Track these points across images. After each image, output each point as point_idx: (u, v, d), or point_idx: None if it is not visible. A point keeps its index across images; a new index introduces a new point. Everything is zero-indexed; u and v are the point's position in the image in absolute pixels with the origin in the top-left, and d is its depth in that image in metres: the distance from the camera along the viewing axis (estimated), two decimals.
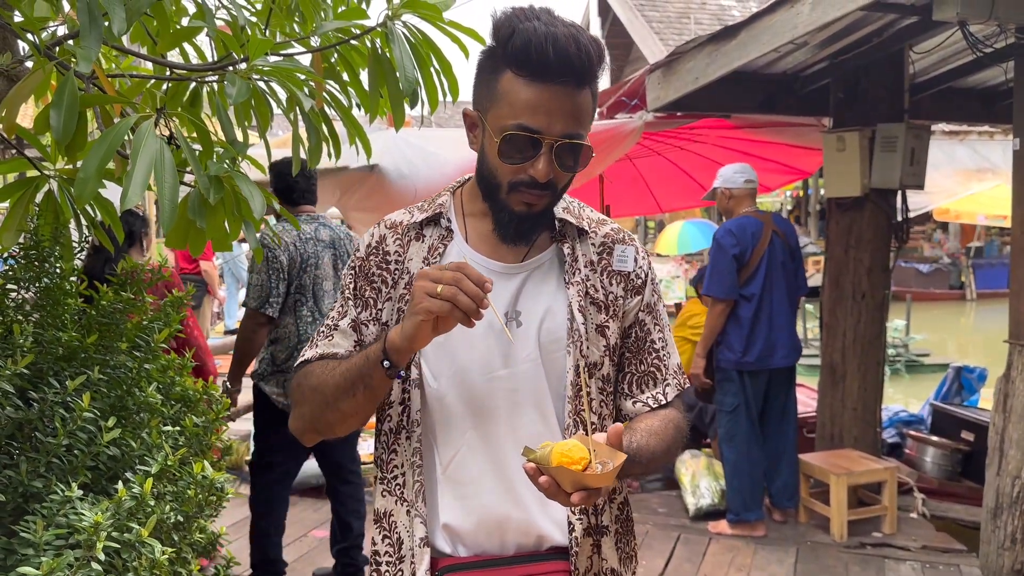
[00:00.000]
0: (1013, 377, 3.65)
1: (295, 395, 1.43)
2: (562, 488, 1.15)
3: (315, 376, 1.38)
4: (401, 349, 1.24)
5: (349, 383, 1.32)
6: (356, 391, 1.31)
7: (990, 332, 13.93)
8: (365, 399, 1.32)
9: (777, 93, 5.01)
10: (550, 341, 1.40)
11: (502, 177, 1.34)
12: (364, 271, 1.46)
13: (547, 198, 1.35)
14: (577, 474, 1.12)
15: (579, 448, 1.15)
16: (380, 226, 1.49)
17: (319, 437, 1.44)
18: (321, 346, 1.45)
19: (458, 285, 1.17)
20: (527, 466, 1.17)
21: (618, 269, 1.47)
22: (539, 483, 1.16)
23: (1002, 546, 3.73)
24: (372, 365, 1.28)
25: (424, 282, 1.20)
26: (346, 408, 1.34)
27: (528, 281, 1.43)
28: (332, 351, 1.43)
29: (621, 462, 1.14)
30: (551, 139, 1.30)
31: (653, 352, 1.49)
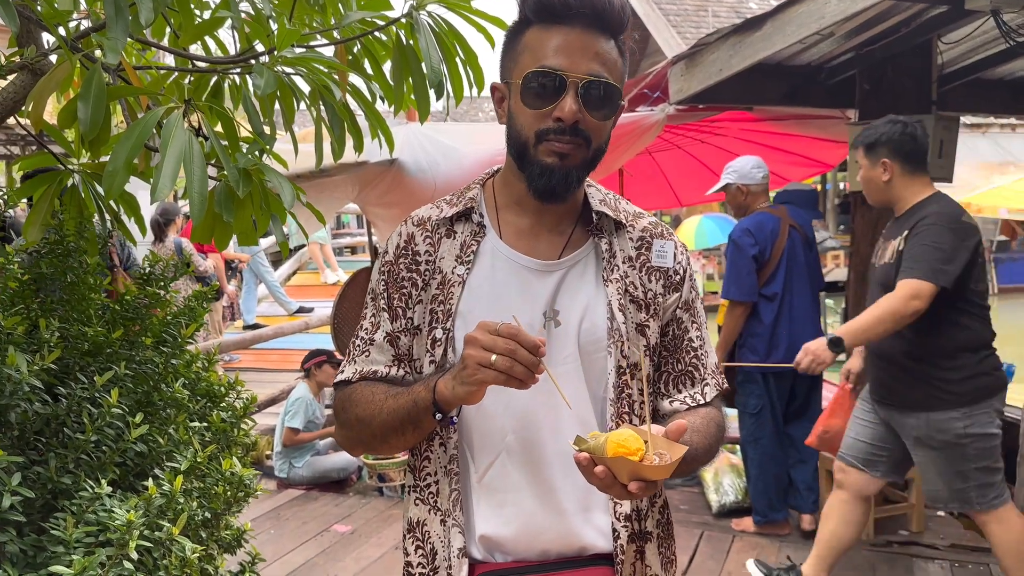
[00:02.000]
0: None
1: (340, 416, 1.43)
2: (617, 479, 1.11)
3: (360, 407, 1.38)
4: (451, 403, 1.25)
5: (398, 423, 1.32)
6: (405, 431, 1.32)
7: (1013, 327, 13.75)
8: (415, 436, 1.34)
9: (801, 85, 4.94)
10: (589, 341, 1.37)
11: (528, 128, 1.31)
12: (394, 276, 1.42)
13: (580, 149, 1.31)
14: (635, 464, 1.09)
15: (635, 438, 1.12)
16: (407, 224, 1.46)
17: (364, 453, 1.47)
18: (360, 362, 1.43)
19: (513, 356, 1.15)
20: (580, 456, 1.14)
21: (657, 265, 1.43)
22: (593, 474, 1.12)
23: None
24: (421, 412, 1.28)
25: (476, 351, 1.18)
26: (396, 443, 1.36)
27: (566, 278, 1.39)
28: (371, 368, 1.42)
29: (682, 454, 1.11)
30: (576, 77, 1.27)
31: (691, 351, 1.45)
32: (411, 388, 1.31)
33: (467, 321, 1.36)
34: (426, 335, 1.38)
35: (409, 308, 1.41)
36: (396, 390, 1.34)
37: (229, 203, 1.82)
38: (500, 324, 1.18)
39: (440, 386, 1.24)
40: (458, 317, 1.36)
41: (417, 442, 1.38)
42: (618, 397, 1.36)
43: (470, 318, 1.36)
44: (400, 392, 1.33)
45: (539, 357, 1.16)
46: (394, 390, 1.35)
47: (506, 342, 1.15)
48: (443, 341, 1.36)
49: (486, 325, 1.18)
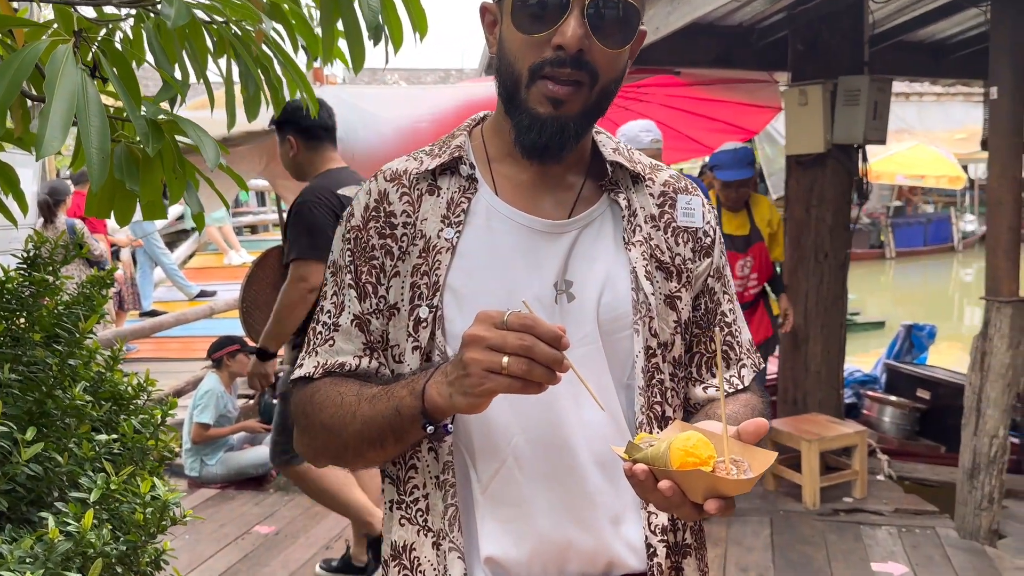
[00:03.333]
0: (991, 335, 3.55)
1: (300, 421, 1.15)
2: (688, 497, 0.87)
3: (326, 412, 1.10)
4: (446, 411, 0.99)
5: (375, 434, 1.06)
6: (385, 444, 1.07)
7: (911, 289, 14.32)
8: (397, 448, 1.09)
9: (733, 46, 4.80)
10: (611, 318, 1.11)
11: (521, 61, 1.06)
12: (361, 245, 1.14)
13: (580, 92, 1.05)
14: (713, 478, 0.86)
15: (703, 443, 0.89)
16: (378, 179, 1.17)
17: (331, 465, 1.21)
18: (322, 353, 1.16)
19: (530, 356, 0.90)
20: (638, 469, 0.89)
21: (684, 225, 1.19)
22: (654, 491, 0.89)
23: (979, 506, 3.66)
24: (406, 422, 1.02)
25: (480, 354, 0.91)
26: (373, 457, 1.11)
27: (579, 241, 1.13)
28: (337, 360, 1.14)
29: (769, 463, 0.88)
30: None
31: (724, 327, 1.22)
32: (391, 390, 1.04)
33: (459, 296, 1.09)
34: (407, 315, 1.11)
35: (382, 283, 1.13)
36: (371, 391, 1.07)
37: (133, 167, 1.48)
38: (507, 313, 0.91)
39: (432, 392, 0.98)
40: (447, 291, 1.09)
41: (398, 452, 1.10)
42: (648, 384, 1.12)
43: (463, 292, 1.09)
44: (377, 395, 1.05)
45: (562, 350, 0.91)
46: (368, 391, 1.07)
47: (519, 337, 0.89)
48: (429, 321, 1.09)
49: (488, 317, 0.92)
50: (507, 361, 0.89)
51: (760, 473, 0.88)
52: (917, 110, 13.77)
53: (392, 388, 1.04)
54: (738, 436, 0.92)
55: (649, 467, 0.89)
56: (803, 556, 3.63)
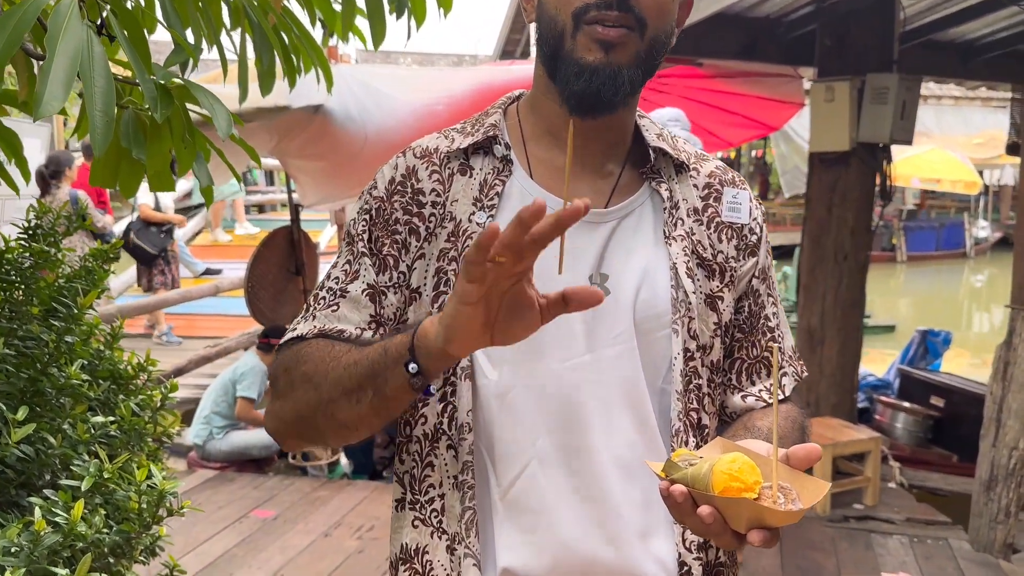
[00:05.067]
0: (1015, 344, 3.46)
1: (279, 383, 1.04)
2: (729, 525, 0.79)
3: (311, 361, 0.99)
4: (433, 350, 0.85)
5: (355, 382, 0.93)
6: (362, 395, 0.92)
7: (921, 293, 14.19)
8: (371, 409, 0.93)
9: (759, 39, 4.68)
10: (649, 316, 1.03)
11: (565, 10, 0.98)
12: (384, 216, 1.06)
13: (631, 38, 0.97)
14: (758, 507, 0.77)
15: (749, 467, 0.80)
16: (407, 155, 1.09)
17: (303, 445, 1.06)
18: (321, 318, 1.05)
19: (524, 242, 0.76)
20: (677, 491, 0.81)
21: (729, 220, 1.10)
22: (693, 515, 0.81)
23: (995, 519, 3.57)
24: (390, 364, 0.89)
25: (468, 263, 0.78)
26: (344, 415, 0.95)
27: (617, 232, 1.05)
28: (336, 326, 1.04)
29: (822, 494, 0.79)
30: None
31: (767, 331, 1.13)
32: (387, 337, 0.94)
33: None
34: (429, 302, 1.03)
35: (403, 260, 1.05)
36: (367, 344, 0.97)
37: (140, 135, 1.40)
38: None
39: (426, 324, 0.87)
40: None
41: (373, 425, 0.97)
42: (685, 389, 1.04)
43: None
44: (371, 344, 0.95)
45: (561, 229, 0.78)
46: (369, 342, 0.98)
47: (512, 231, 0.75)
48: None
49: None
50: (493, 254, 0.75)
51: (811, 505, 0.79)
52: (935, 113, 13.60)
53: (390, 336, 0.95)
54: (787, 460, 0.83)
55: (688, 489, 0.81)
56: (813, 563, 3.55)
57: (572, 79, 0.98)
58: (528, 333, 0.83)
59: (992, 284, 14.95)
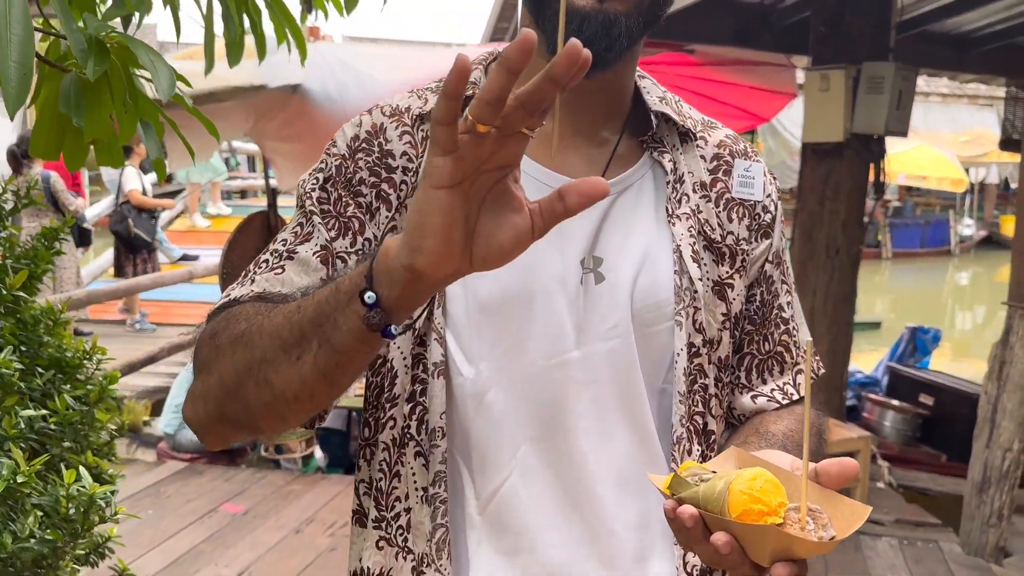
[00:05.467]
0: (1012, 343, 3.36)
1: (201, 355, 0.84)
2: (748, 555, 0.66)
3: (243, 320, 0.80)
4: (396, 271, 0.64)
5: (296, 332, 0.72)
6: (305, 349, 0.71)
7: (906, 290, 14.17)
8: (317, 371, 0.71)
9: (752, 25, 4.56)
10: (649, 306, 0.90)
11: None
12: (345, 174, 0.91)
13: None
14: (788, 537, 0.65)
15: (773, 485, 0.67)
16: (374, 112, 0.95)
17: (229, 436, 0.85)
18: (260, 281, 0.88)
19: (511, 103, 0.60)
20: (686, 514, 0.68)
21: (740, 197, 0.97)
22: (703, 542, 0.68)
23: (987, 522, 3.48)
24: (343, 300, 0.68)
25: (437, 125, 0.62)
26: (281, 380, 0.73)
27: (613, 210, 0.91)
28: (279, 290, 0.86)
29: (862, 520, 0.67)
30: None
31: (781, 323, 1.00)
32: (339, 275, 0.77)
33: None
34: None
35: (370, 226, 0.90)
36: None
37: (81, 99, 1.25)
38: None
39: (388, 242, 0.67)
40: None
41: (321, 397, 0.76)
42: (689, 390, 0.90)
43: None
44: (329, 281, 0.77)
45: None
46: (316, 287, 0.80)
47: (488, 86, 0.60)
48: None
49: None
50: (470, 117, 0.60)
51: (848, 534, 0.66)
52: (922, 110, 13.52)
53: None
54: (816, 477, 0.70)
55: (700, 511, 0.68)
56: None
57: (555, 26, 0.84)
58: (518, 249, 0.64)
59: (976, 282, 14.99)
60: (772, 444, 0.90)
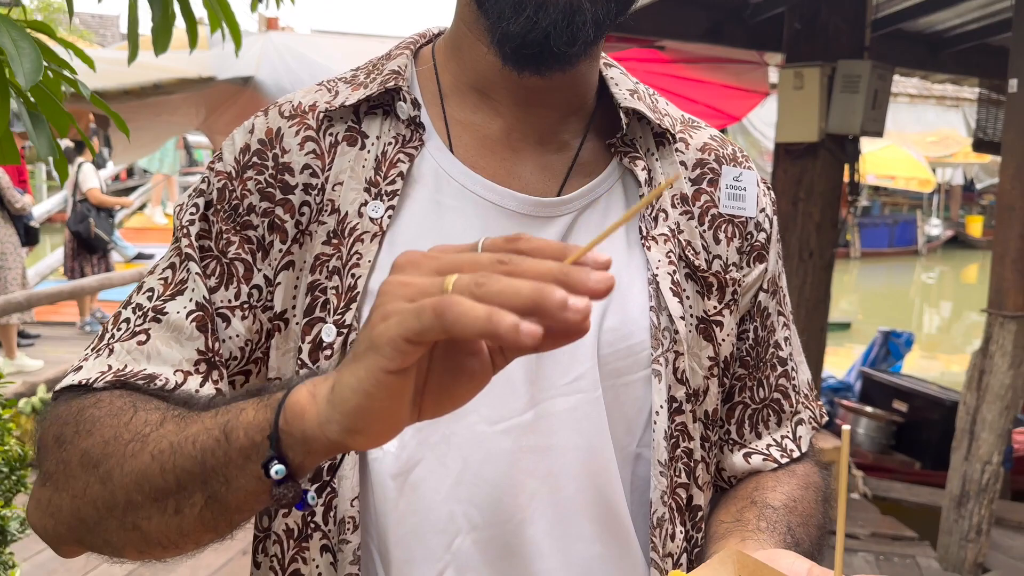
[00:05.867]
0: (992, 352, 3.24)
1: (47, 463, 0.66)
2: None
3: (98, 433, 0.62)
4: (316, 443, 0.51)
5: (172, 480, 0.57)
6: (184, 502, 0.57)
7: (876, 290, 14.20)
8: (202, 523, 0.57)
9: (724, 21, 4.42)
10: (619, 352, 0.73)
11: None
12: (230, 200, 0.73)
13: None
14: None
15: None
16: (270, 113, 0.76)
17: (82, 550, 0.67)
18: (120, 353, 0.70)
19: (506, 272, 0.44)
20: None
21: (730, 213, 0.80)
22: None
23: (965, 537, 3.36)
24: (235, 459, 0.54)
25: (404, 275, 0.48)
26: (155, 529, 0.59)
27: (574, 231, 0.75)
28: (143, 368, 0.68)
29: None
30: None
31: (778, 364, 0.84)
32: (227, 405, 0.59)
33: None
34: (299, 333, 0.70)
35: (259, 268, 0.72)
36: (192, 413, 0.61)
37: None
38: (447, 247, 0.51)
39: (301, 393, 0.52)
40: (369, 302, 0.69)
41: (215, 534, 0.60)
42: (671, 457, 0.73)
43: None
44: (199, 416, 0.60)
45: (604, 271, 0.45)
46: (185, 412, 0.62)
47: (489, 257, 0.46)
48: (336, 349, 0.68)
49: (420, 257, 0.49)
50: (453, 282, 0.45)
51: None
52: (891, 111, 13.55)
53: (232, 402, 0.59)
54: None
55: None
56: None
57: (508, 13, 0.66)
58: (474, 393, 0.50)
59: (943, 281, 15.08)
60: (775, 525, 0.73)
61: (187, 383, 0.68)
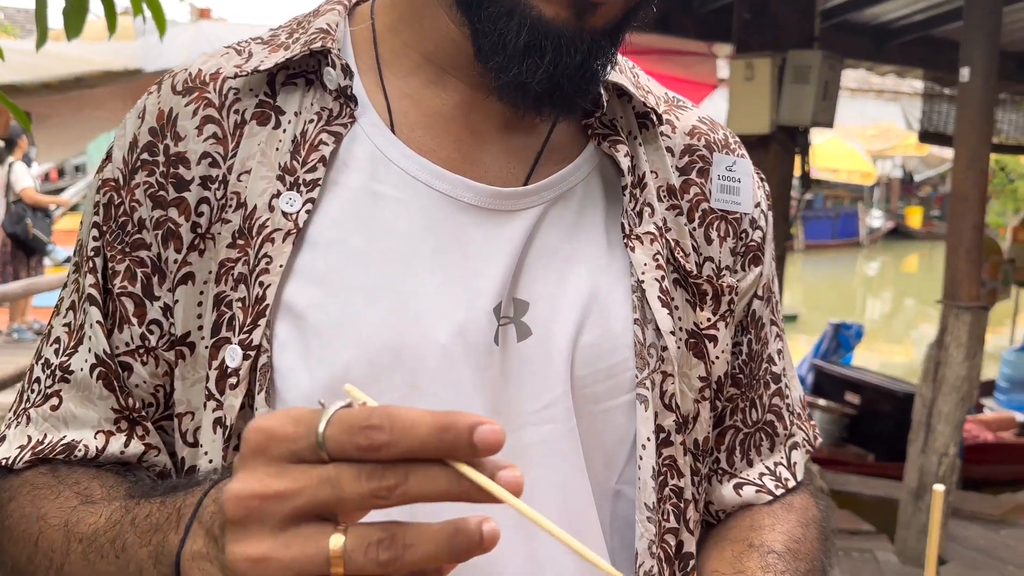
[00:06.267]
0: (947, 343, 3.22)
1: None
2: None
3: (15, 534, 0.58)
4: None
5: None
6: None
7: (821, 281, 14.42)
8: None
9: (673, 11, 4.35)
10: (598, 372, 0.61)
11: None
12: (118, 218, 0.61)
13: None
14: None
15: None
16: (163, 89, 0.63)
17: None
18: (37, 420, 0.61)
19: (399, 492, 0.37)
20: None
21: (722, 208, 0.68)
22: None
23: (923, 530, 3.34)
24: None
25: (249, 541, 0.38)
26: None
27: (543, 228, 0.62)
28: (63, 437, 0.60)
29: None
30: None
31: (772, 381, 0.73)
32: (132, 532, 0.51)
33: (306, 328, 0.57)
34: (207, 357, 0.57)
35: (156, 297, 0.61)
36: (95, 521, 0.54)
37: None
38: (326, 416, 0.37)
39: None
40: (283, 317, 0.58)
41: None
42: (660, 498, 0.61)
43: (314, 321, 0.57)
44: (104, 536, 0.52)
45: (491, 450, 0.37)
46: (91, 519, 0.55)
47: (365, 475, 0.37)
48: (244, 375, 0.56)
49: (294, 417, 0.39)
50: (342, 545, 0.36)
51: None
52: None
53: (139, 524, 0.50)
54: None
55: None
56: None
57: (515, 55, 0.54)
58: None
59: (885, 271, 15.39)
60: (773, 570, 0.62)
61: (110, 444, 0.60)
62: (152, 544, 0.48)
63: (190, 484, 0.50)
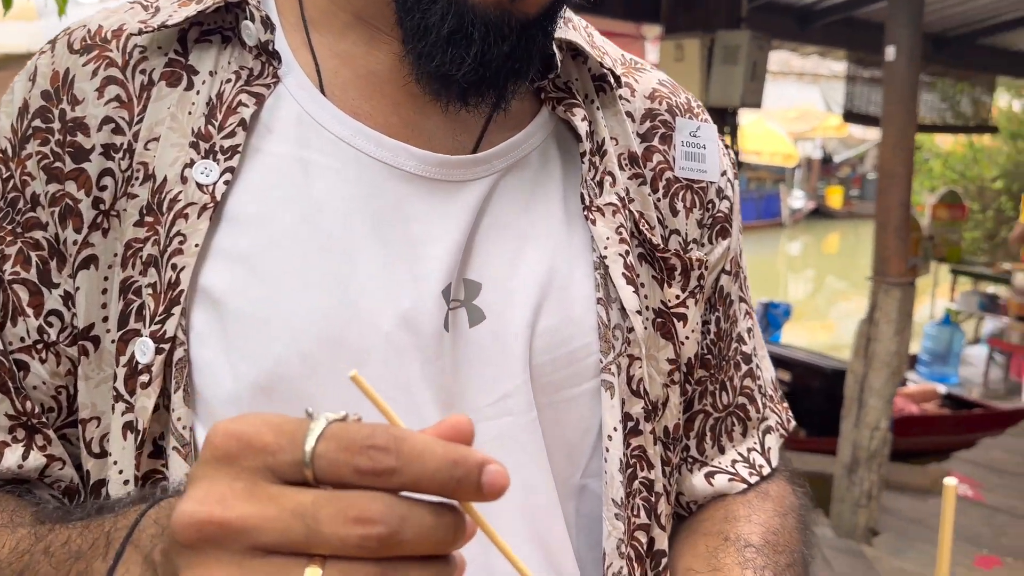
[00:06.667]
0: (877, 319, 3.28)
1: None
2: None
3: None
4: None
5: None
6: None
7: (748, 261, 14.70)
8: None
9: None
10: (558, 359, 0.55)
11: None
12: (7, 194, 0.53)
13: None
14: None
15: None
16: (57, 47, 0.55)
17: None
18: None
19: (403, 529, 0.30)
20: None
21: (687, 178, 0.63)
22: None
23: (857, 503, 3.41)
24: None
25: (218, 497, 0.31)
26: None
27: (495, 200, 0.56)
28: None
29: None
30: None
31: (743, 361, 0.69)
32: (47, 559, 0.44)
33: (226, 315, 0.50)
34: (113, 354, 0.50)
35: (55, 284, 0.53)
36: (5, 560, 0.47)
37: None
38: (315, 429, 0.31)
39: None
40: (200, 304, 0.50)
41: None
42: (629, 493, 0.56)
43: (236, 307, 0.50)
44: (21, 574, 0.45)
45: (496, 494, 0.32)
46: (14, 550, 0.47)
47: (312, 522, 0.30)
48: (156, 373, 0.48)
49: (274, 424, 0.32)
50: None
51: None
52: None
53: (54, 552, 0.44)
54: None
55: None
56: None
57: (438, 43, 0.48)
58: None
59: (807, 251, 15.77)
60: (752, 563, 0.58)
61: (5, 457, 0.52)
62: (72, 574, 0.41)
63: (120, 504, 0.43)
